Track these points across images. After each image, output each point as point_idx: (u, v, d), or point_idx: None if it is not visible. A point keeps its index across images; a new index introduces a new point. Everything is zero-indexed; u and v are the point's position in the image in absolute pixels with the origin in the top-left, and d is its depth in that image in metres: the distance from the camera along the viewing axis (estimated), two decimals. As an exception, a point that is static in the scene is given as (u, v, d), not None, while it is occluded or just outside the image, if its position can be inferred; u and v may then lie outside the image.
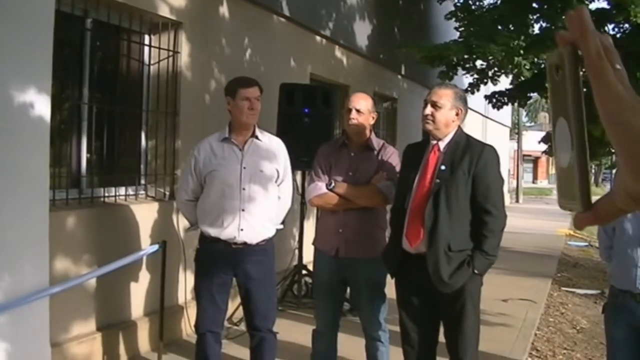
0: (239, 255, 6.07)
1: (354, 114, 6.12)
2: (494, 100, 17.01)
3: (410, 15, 19.19)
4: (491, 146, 5.54)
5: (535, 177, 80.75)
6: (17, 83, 5.36)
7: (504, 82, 17.26)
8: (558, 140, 1.15)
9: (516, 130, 47.76)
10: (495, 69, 15.93)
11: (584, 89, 1.09)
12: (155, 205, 8.16)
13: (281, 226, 6.57)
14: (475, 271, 5.28)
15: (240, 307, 6.84)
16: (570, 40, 1.09)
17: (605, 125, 1.02)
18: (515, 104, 19.39)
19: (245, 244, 6.04)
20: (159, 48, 8.44)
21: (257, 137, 6.16)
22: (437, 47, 14.73)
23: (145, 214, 7.93)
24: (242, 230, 6.00)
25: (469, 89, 15.80)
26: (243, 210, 6.01)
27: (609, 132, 1.01)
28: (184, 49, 8.65)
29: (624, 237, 5.69)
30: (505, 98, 17.08)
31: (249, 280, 6.14)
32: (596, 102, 1.04)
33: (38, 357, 5.74)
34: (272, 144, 6.32)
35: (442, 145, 5.45)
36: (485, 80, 16.12)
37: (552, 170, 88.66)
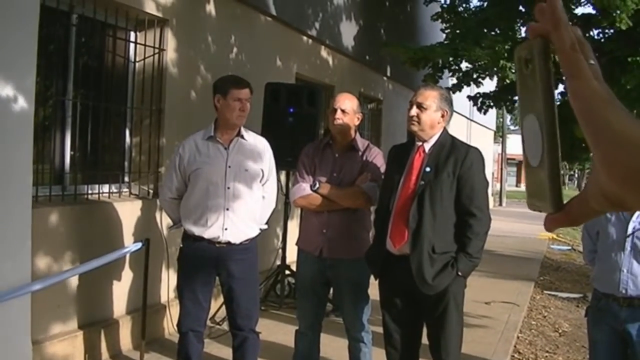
0: (222, 254, 6.05)
1: (339, 114, 6.10)
2: (479, 102, 17.00)
3: (396, 16, 19.19)
4: (476, 148, 5.53)
5: (518, 181, 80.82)
6: (1, 78, 5.33)
7: (488, 85, 17.24)
8: (527, 138, 1.13)
9: (500, 134, 47.84)
10: (480, 71, 15.92)
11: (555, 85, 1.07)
12: (138, 203, 8.13)
13: (265, 226, 6.56)
14: (459, 273, 5.28)
15: (223, 306, 6.82)
16: (541, 32, 1.07)
17: (580, 122, 1.00)
18: (503, 109, 19.40)
19: (228, 243, 6.03)
20: (145, 45, 8.41)
21: (242, 137, 6.15)
22: (422, 49, 14.72)
23: (129, 211, 7.90)
24: (226, 229, 5.99)
25: (452, 88, 15.79)
26: (227, 209, 5.99)
27: (584, 128, 0.99)
28: (170, 46, 8.62)
29: (608, 241, 5.69)
30: (491, 101, 17.07)
31: (232, 279, 6.12)
32: (570, 97, 1.02)
33: (19, 355, 5.71)
34: (257, 143, 6.30)
35: (427, 146, 5.45)
36: (469, 83, 16.11)
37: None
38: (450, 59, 14.67)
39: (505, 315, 10.77)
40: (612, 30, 13.38)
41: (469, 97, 17.33)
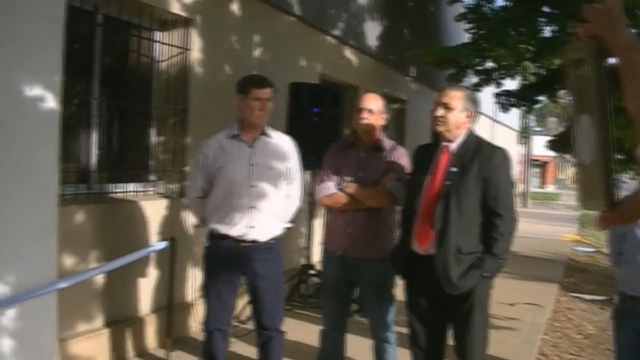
0: (247, 253, 6.04)
1: (364, 113, 6.11)
2: (502, 99, 16.92)
3: (419, 16, 19.15)
4: (502, 149, 5.50)
5: (543, 182, 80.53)
6: (28, 77, 5.35)
7: (509, 85, 17.15)
8: (579, 137, 1.12)
9: (524, 135, 47.61)
10: (502, 71, 15.85)
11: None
12: (163, 202, 8.15)
13: (290, 225, 6.54)
14: (485, 274, 5.26)
15: (248, 306, 6.82)
16: (594, 32, 1.06)
17: (636, 122, 0.99)
18: (523, 109, 19.30)
19: (254, 241, 6.02)
20: (169, 45, 8.43)
21: (267, 135, 6.15)
22: (447, 51, 14.67)
23: (154, 210, 7.92)
24: (251, 227, 5.98)
25: (472, 87, 15.68)
26: (252, 207, 5.98)
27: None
28: (195, 46, 8.64)
29: (635, 243, 5.66)
30: (513, 99, 16.98)
31: (256, 278, 6.11)
32: (627, 97, 1.01)
33: (45, 352, 5.73)
34: (282, 142, 6.29)
35: (452, 147, 5.43)
36: (489, 82, 16.03)
37: (560, 175, 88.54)
38: (476, 60, 14.62)
39: (530, 317, 10.74)
40: (635, 30, 13.30)
41: (495, 95, 17.25)
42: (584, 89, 1.09)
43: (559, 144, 18.33)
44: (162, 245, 7.28)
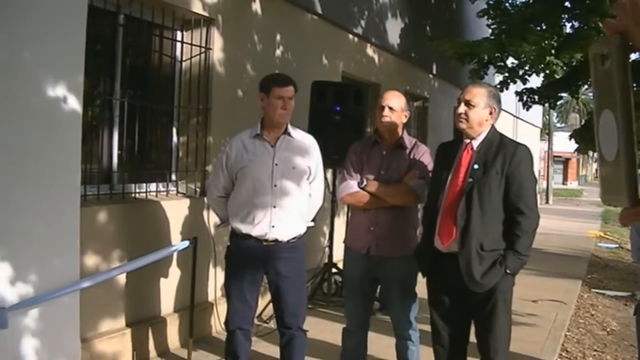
0: (269, 252, 6.04)
1: (386, 111, 6.09)
2: (525, 97, 16.92)
3: (442, 13, 19.13)
4: (525, 146, 5.49)
5: (565, 179, 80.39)
6: (50, 78, 5.36)
7: (534, 82, 17.12)
8: (602, 133, 1.12)
9: (547, 131, 47.50)
10: (527, 67, 15.83)
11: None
12: (186, 202, 8.16)
13: (312, 223, 6.54)
14: (508, 271, 5.24)
15: (271, 305, 6.82)
16: (620, 28, 1.05)
17: None
18: (546, 105, 19.27)
19: (276, 240, 6.02)
20: (192, 44, 8.44)
21: (289, 134, 6.15)
22: (468, 44, 14.67)
23: (176, 210, 7.93)
24: (273, 227, 5.98)
25: (499, 86, 15.65)
26: (274, 206, 5.98)
27: None
28: (216, 45, 8.65)
29: (658, 239, 5.63)
30: (536, 97, 16.98)
31: (279, 277, 6.12)
32: None
33: (68, 352, 5.75)
34: (304, 140, 6.29)
35: (475, 144, 5.42)
36: (515, 79, 16.02)
37: (583, 172, 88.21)
38: (497, 54, 14.61)
39: (553, 313, 10.69)
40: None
41: (516, 93, 17.24)
42: (608, 84, 1.08)
43: (580, 136, 18.31)
44: (184, 244, 7.29)
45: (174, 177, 8.52)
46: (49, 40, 5.37)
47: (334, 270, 10.25)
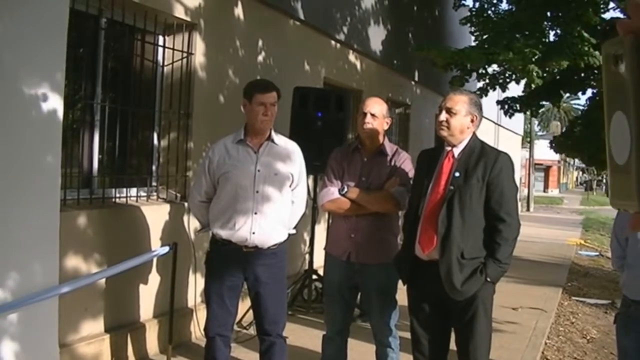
0: (249, 258, 6.03)
1: (368, 118, 6.09)
2: (506, 106, 16.97)
3: (424, 20, 19.19)
4: (506, 153, 5.49)
5: (546, 186, 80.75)
6: (31, 81, 5.33)
7: (514, 89, 17.18)
8: (614, 136, 1.11)
9: (528, 139, 47.69)
10: (507, 74, 15.87)
11: None
12: (166, 207, 8.14)
13: (294, 231, 6.52)
14: (488, 279, 5.24)
15: (250, 311, 6.81)
16: (634, 28, 1.04)
17: None
18: (528, 113, 19.32)
19: (256, 247, 6.00)
20: (173, 49, 8.42)
21: (272, 140, 6.13)
22: (456, 53, 14.69)
23: (156, 215, 7.91)
24: (254, 233, 5.96)
25: (479, 92, 15.68)
26: (256, 213, 5.96)
27: None
28: (198, 50, 8.64)
29: (638, 247, 5.62)
30: (517, 105, 17.03)
31: (259, 284, 6.10)
32: None
33: (46, 357, 5.72)
34: (287, 147, 6.28)
35: (456, 151, 5.42)
36: (495, 86, 16.05)
37: (564, 180, 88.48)
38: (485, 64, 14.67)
39: (533, 321, 10.72)
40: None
41: (498, 102, 17.28)
42: (621, 85, 1.07)
43: (559, 145, 18.37)
44: (164, 250, 7.27)
45: (154, 182, 8.49)
46: (29, 42, 5.34)
47: (314, 276, 10.25)
